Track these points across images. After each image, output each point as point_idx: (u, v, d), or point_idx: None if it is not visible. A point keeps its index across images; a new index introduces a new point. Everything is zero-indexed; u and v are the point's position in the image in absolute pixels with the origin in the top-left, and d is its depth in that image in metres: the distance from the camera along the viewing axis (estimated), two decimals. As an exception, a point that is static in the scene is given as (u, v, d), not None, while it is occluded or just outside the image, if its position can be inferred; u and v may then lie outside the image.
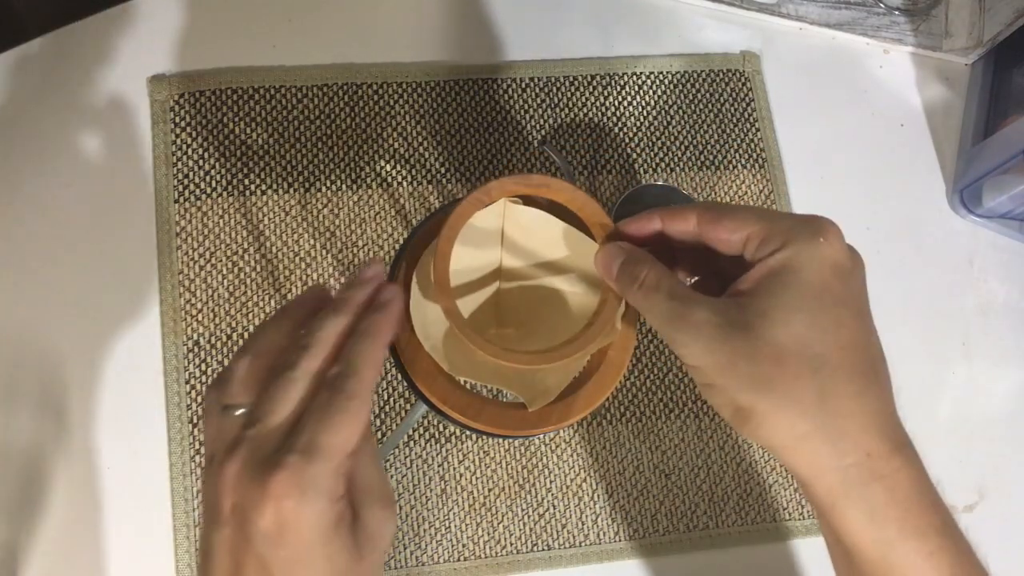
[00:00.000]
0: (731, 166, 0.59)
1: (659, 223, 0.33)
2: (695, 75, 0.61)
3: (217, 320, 0.52)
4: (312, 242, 0.54)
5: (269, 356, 0.29)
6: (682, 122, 0.60)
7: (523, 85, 0.59)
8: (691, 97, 0.61)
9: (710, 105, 0.61)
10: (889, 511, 0.28)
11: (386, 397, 0.52)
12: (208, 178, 0.54)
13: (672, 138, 0.60)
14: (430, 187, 0.56)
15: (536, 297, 0.39)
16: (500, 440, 0.52)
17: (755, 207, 0.31)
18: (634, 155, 0.59)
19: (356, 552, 0.27)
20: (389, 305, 0.30)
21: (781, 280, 0.28)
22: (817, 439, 0.27)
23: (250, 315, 0.52)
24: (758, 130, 0.61)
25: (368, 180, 0.56)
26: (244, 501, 0.26)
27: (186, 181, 0.54)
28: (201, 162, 0.54)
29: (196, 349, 0.51)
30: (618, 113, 0.60)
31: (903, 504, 0.28)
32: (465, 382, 0.34)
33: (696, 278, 0.35)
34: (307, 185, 0.55)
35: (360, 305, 0.30)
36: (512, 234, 0.37)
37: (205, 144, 0.54)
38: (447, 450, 0.51)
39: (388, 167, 0.56)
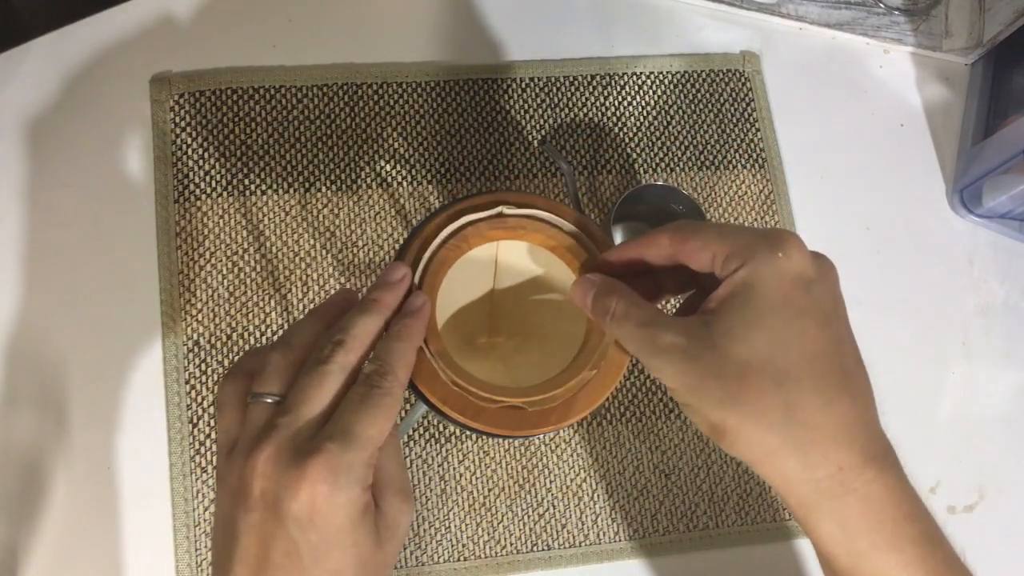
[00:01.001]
0: (731, 166, 0.59)
1: (635, 251, 0.33)
2: (695, 75, 0.61)
3: (217, 320, 0.52)
4: (312, 242, 0.54)
5: (302, 351, 0.30)
6: (682, 122, 0.60)
7: (523, 85, 0.59)
8: (691, 97, 0.61)
9: (710, 105, 0.61)
10: (861, 523, 0.28)
11: (386, 397, 0.52)
12: (208, 178, 0.54)
13: (672, 138, 0.60)
14: (430, 187, 0.56)
15: (528, 305, 0.39)
16: (500, 440, 0.52)
17: (721, 224, 0.32)
18: (634, 155, 0.59)
19: (378, 540, 0.28)
20: (421, 311, 0.32)
21: (742, 297, 0.29)
22: (786, 453, 0.28)
23: (250, 315, 0.52)
24: (758, 130, 0.61)
25: (368, 180, 0.56)
26: (277, 486, 0.27)
27: (186, 181, 0.54)
28: (201, 162, 0.54)
29: (196, 349, 0.51)
30: (618, 113, 0.60)
31: (876, 516, 0.28)
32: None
33: (691, 292, 0.35)
34: (307, 185, 0.55)
35: (391, 307, 0.32)
36: (504, 260, 0.38)
37: (205, 144, 0.54)
38: (447, 450, 0.51)
39: (388, 167, 0.56)
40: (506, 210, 0.35)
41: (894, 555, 0.28)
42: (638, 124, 0.60)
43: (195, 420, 0.50)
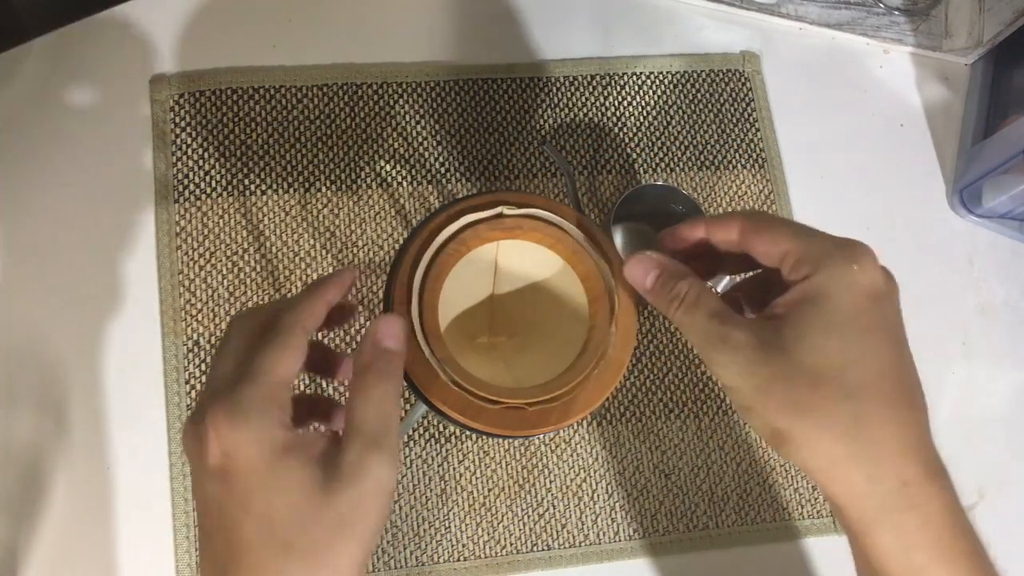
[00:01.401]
0: (731, 166, 0.59)
1: (703, 231, 0.33)
2: (695, 75, 0.61)
3: (217, 320, 0.52)
4: (312, 242, 0.54)
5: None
6: (682, 122, 0.60)
7: (523, 85, 0.59)
8: (691, 97, 0.61)
9: (710, 105, 0.61)
10: (921, 538, 0.28)
11: (386, 397, 0.52)
12: (208, 178, 0.54)
13: (672, 138, 0.60)
14: (430, 187, 0.56)
15: (529, 305, 0.39)
16: (500, 440, 0.52)
17: (795, 223, 0.32)
18: (634, 155, 0.59)
19: (322, 486, 0.27)
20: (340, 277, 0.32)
21: (815, 305, 0.29)
22: (852, 465, 0.28)
23: (250, 315, 0.52)
24: (758, 130, 0.61)
25: (368, 180, 0.56)
26: (195, 447, 0.27)
27: (186, 181, 0.54)
28: (201, 162, 0.54)
29: (196, 349, 0.51)
30: (618, 113, 0.60)
31: (935, 532, 0.28)
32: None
33: (738, 278, 0.35)
34: (307, 185, 0.55)
35: (323, 286, 0.32)
36: (504, 262, 0.38)
37: (205, 144, 0.54)
38: (447, 450, 0.51)
39: (388, 167, 0.56)
40: (506, 211, 0.35)
41: (950, 569, 0.28)
42: (638, 124, 0.60)
43: (195, 420, 0.50)
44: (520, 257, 0.37)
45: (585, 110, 0.59)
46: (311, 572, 0.27)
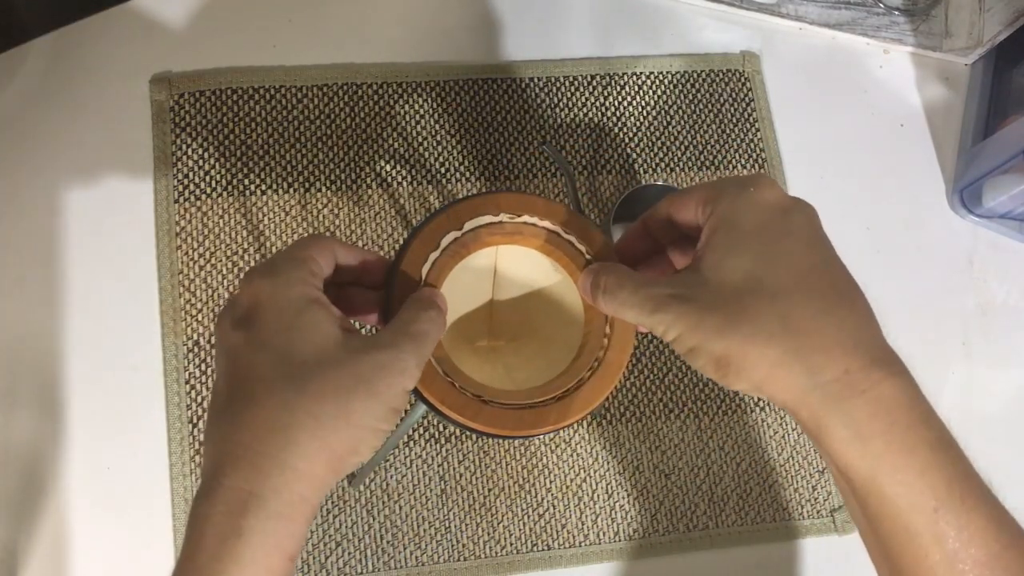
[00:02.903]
0: (731, 166, 0.59)
1: (638, 229, 0.35)
2: (695, 75, 0.61)
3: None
4: (312, 242, 0.54)
5: None
6: (682, 122, 0.60)
7: (523, 85, 0.59)
8: (691, 97, 0.61)
9: (710, 105, 0.61)
10: (873, 425, 0.27)
11: (386, 397, 0.52)
12: (208, 178, 0.54)
13: (672, 138, 0.60)
14: (430, 187, 0.56)
15: (528, 308, 0.39)
16: (500, 440, 0.52)
17: (706, 182, 0.33)
18: (634, 155, 0.59)
19: (348, 344, 0.28)
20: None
21: (722, 231, 0.30)
22: (789, 362, 0.27)
23: (250, 315, 0.52)
24: (758, 130, 0.61)
25: (368, 180, 0.56)
26: (223, 313, 0.29)
27: (186, 181, 0.54)
28: (201, 162, 0.54)
29: (196, 349, 0.51)
30: (618, 113, 0.60)
31: (887, 418, 0.27)
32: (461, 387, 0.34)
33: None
34: (307, 185, 0.55)
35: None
36: (504, 265, 0.38)
37: (205, 144, 0.54)
38: (447, 450, 0.51)
39: (388, 167, 0.56)
40: (505, 216, 0.35)
41: (910, 458, 0.27)
42: (638, 124, 0.60)
43: (195, 420, 0.50)
44: (519, 262, 0.37)
45: (585, 110, 0.59)
46: (318, 409, 0.26)
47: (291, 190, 0.54)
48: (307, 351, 0.27)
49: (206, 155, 0.54)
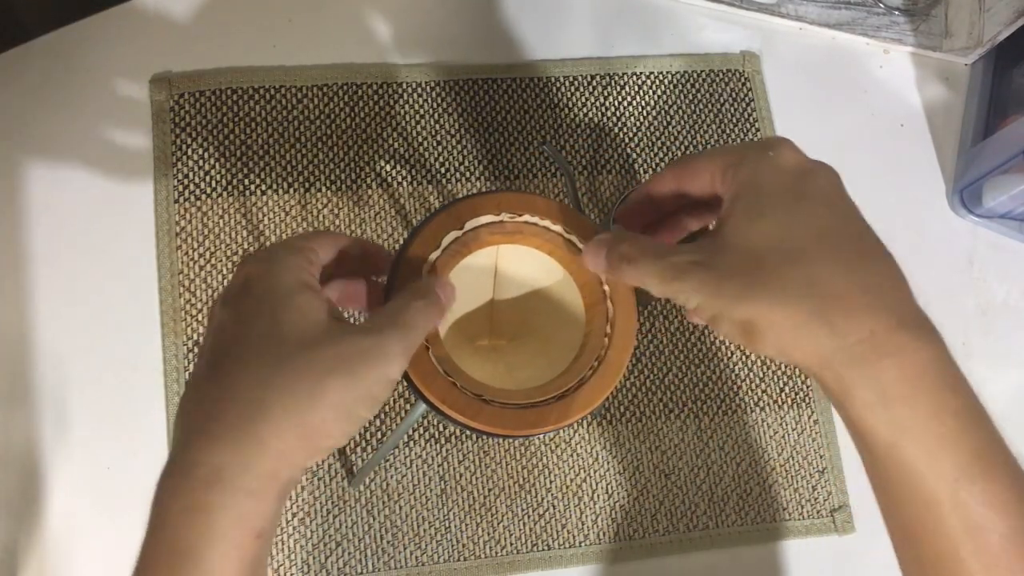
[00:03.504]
0: (731, 166, 0.59)
1: (641, 196, 0.34)
2: (695, 75, 0.61)
3: (217, 320, 0.52)
4: (312, 242, 0.54)
5: None
6: (682, 122, 0.60)
7: (523, 85, 0.59)
8: (691, 97, 0.61)
9: (710, 105, 0.61)
10: (899, 389, 0.26)
11: (386, 397, 0.52)
12: (208, 178, 0.54)
13: (672, 138, 0.60)
14: (430, 187, 0.56)
15: (529, 308, 0.39)
16: (500, 440, 0.52)
17: (715, 148, 0.33)
18: (634, 155, 0.59)
19: (333, 327, 0.28)
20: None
21: (743, 197, 0.29)
22: (815, 324, 0.26)
23: (250, 315, 0.52)
24: (758, 130, 0.61)
25: (368, 180, 0.56)
26: (218, 297, 0.29)
27: (186, 181, 0.54)
28: (201, 162, 0.54)
29: (196, 349, 0.51)
30: (618, 113, 0.60)
31: (914, 383, 0.26)
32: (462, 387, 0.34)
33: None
34: (307, 185, 0.55)
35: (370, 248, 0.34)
36: (504, 265, 0.38)
37: (205, 144, 0.54)
38: (447, 450, 0.51)
39: (388, 167, 0.56)
40: (506, 216, 0.35)
41: (936, 424, 0.26)
42: (638, 124, 0.60)
43: (195, 420, 0.50)
44: (520, 262, 0.37)
45: (585, 110, 0.59)
46: (293, 386, 0.26)
47: (291, 190, 0.54)
48: (290, 333, 0.27)
49: (206, 155, 0.54)
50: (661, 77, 0.61)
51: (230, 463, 0.25)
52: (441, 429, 0.52)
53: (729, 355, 0.55)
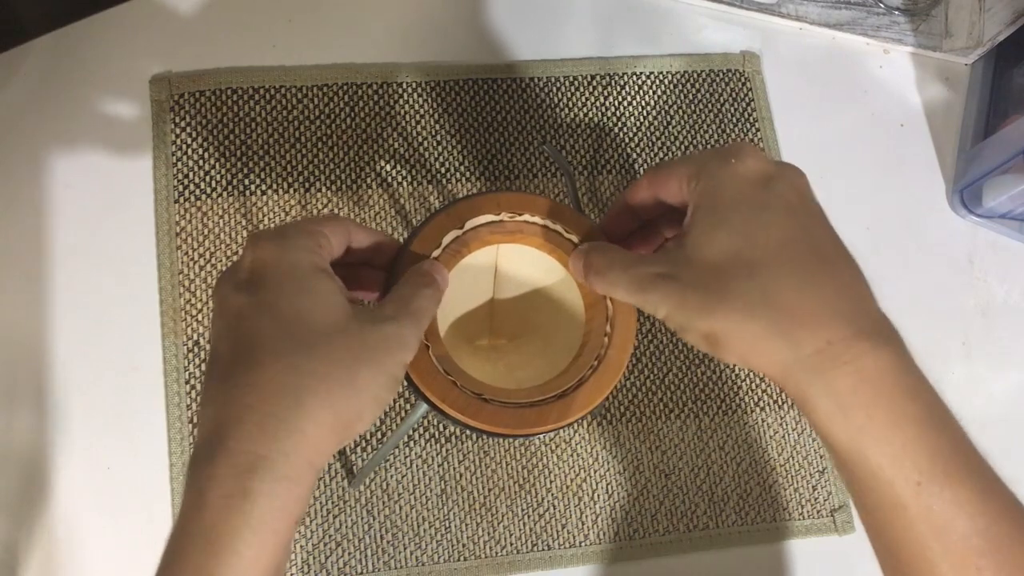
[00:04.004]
0: (731, 166, 0.59)
1: (620, 206, 0.34)
2: (695, 75, 0.61)
3: (217, 320, 0.52)
4: (312, 242, 0.54)
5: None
6: (682, 122, 0.60)
7: (523, 85, 0.59)
8: (691, 97, 0.61)
9: (710, 105, 0.61)
10: (856, 398, 0.26)
11: (386, 397, 0.52)
12: (208, 178, 0.54)
13: (672, 138, 0.60)
14: (430, 187, 0.56)
15: (529, 307, 0.39)
16: (500, 440, 0.52)
17: (687, 156, 0.32)
18: (634, 155, 0.59)
19: (353, 315, 0.28)
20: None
21: (703, 207, 0.29)
22: (772, 335, 0.27)
23: (250, 315, 0.52)
24: (758, 130, 0.61)
25: (368, 180, 0.56)
26: (225, 274, 0.29)
27: (186, 181, 0.54)
28: (201, 162, 0.54)
29: (196, 349, 0.51)
30: (618, 113, 0.60)
31: (871, 391, 0.26)
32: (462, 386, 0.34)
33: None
34: (307, 185, 0.55)
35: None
36: (504, 264, 0.38)
37: (205, 144, 0.55)
38: (447, 450, 0.51)
39: (388, 167, 0.56)
40: (506, 215, 0.35)
41: (893, 431, 0.26)
42: (638, 124, 0.60)
43: (195, 420, 0.50)
44: (520, 261, 0.37)
45: (585, 110, 0.59)
46: (326, 374, 0.26)
47: (291, 190, 0.54)
48: (316, 318, 0.27)
49: (206, 155, 0.54)
50: (661, 77, 0.61)
51: (268, 451, 0.25)
52: (441, 429, 0.52)
53: (729, 355, 0.56)
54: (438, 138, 0.57)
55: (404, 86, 0.58)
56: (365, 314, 0.28)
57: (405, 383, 0.33)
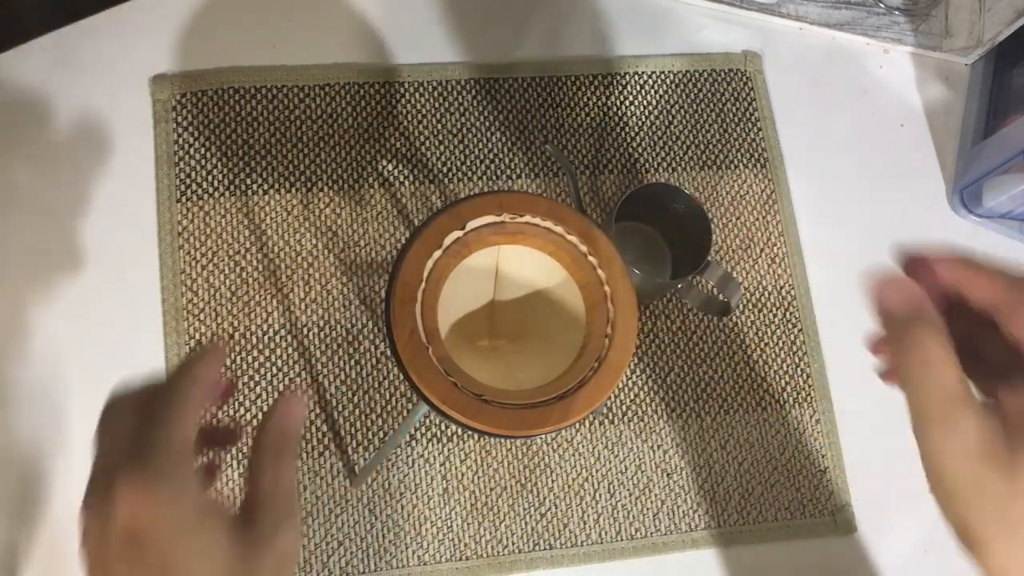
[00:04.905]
0: (733, 165, 0.59)
1: (957, 276, 0.29)
2: (697, 75, 0.61)
3: (219, 320, 0.52)
4: (314, 242, 0.54)
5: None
6: (684, 121, 0.60)
7: (524, 85, 0.59)
8: (693, 96, 0.61)
9: (712, 104, 0.61)
10: None
11: (388, 396, 0.52)
12: (210, 178, 0.54)
13: (674, 137, 0.60)
14: (432, 187, 0.56)
15: (529, 308, 0.39)
16: (501, 440, 0.52)
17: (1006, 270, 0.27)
18: (636, 154, 0.59)
19: (243, 552, 0.27)
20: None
21: None
22: None
23: (252, 315, 0.52)
24: (760, 130, 0.61)
25: (370, 180, 0.56)
26: (95, 525, 0.27)
27: (188, 181, 0.54)
28: (203, 162, 0.54)
29: (198, 348, 0.51)
30: (620, 113, 0.60)
31: None
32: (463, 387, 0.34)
33: None
34: (309, 185, 0.55)
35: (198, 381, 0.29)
36: (506, 267, 0.38)
37: (207, 144, 0.54)
38: (449, 450, 0.51)
39: (390, 167, 0.56)
40: (508, 216, 0.35)
41: None
42: (640, 124, 0.60)
43: (196, 420, 0.50)
44: (521, 262, 0.37)
45: (587, 110, 0.59)
46: None
47: (293, 190, 0.54)
48: None
49: (208, 155, 0.54)
50: (663, 76, 0.61)
51: None
52: (443, 428, 0.52)
53: (731, 355, 0.56)
54: (440, 138, 0.57)
55: (406, 85, 0.58)
56: (249, 543, 0.27)
57: (406, 383, 0.33)
